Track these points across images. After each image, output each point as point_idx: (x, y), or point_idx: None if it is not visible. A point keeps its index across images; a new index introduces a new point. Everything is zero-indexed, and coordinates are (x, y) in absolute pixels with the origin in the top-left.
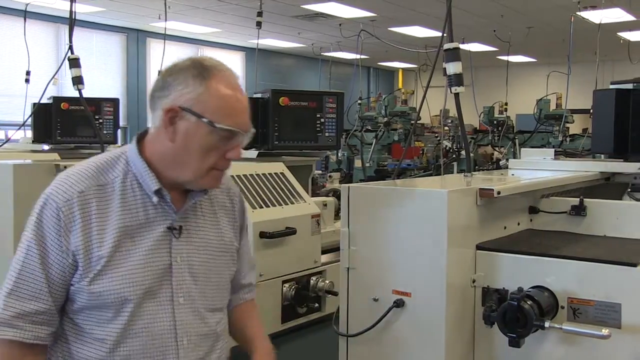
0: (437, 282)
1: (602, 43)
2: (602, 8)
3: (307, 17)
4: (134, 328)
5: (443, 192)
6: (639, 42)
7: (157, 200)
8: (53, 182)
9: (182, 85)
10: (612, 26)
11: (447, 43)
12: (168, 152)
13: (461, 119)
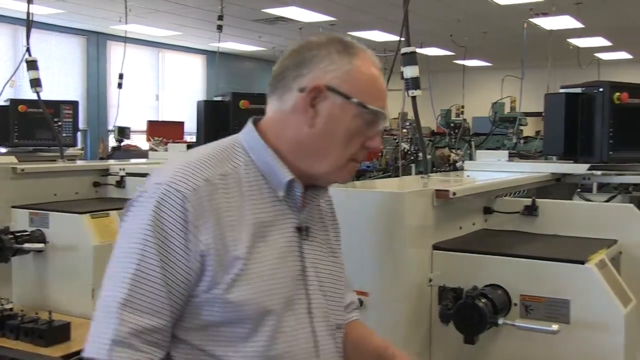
0: (395, 282)
1: (553, 49)
2: (553, 15)
3: (267, 21)
4: (275, 348)
5: (401, 193)
6: (587, 48)
7: (283, 194)
8: (164, 172)
9: (326, 62)
10: (562, 33)
11: (404, 47)
12: (304, 139)
13: (418, 121)
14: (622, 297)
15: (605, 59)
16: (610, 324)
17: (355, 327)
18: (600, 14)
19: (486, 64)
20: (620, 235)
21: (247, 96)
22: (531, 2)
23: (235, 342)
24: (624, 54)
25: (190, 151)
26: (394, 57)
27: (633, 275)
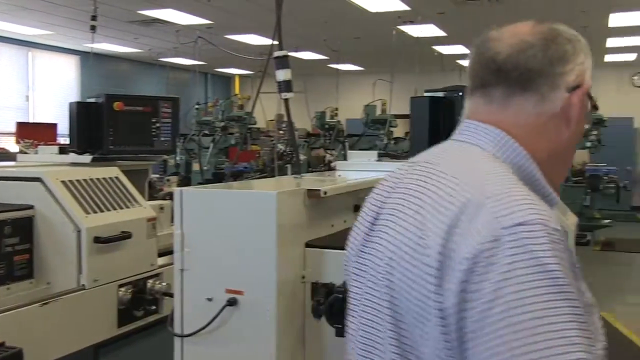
0: (268, 280)
1: (420, 55)
2: (419, 23)
3: (143, 22)
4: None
5: (272, 193)
6: (450, 55)
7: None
8: (513, 205)
9: (581, 57)
10: (428, 40)
11: (277, 51)
12: (562, 146)
13: (291, 123)
14: None
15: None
16: None
17: None
18: (461, 23)
19: (359, 68)
20: None
21: (121, 98)
22: (399, 11)
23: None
24: None
25: (475, 174)
26: (267, 61)
27: None
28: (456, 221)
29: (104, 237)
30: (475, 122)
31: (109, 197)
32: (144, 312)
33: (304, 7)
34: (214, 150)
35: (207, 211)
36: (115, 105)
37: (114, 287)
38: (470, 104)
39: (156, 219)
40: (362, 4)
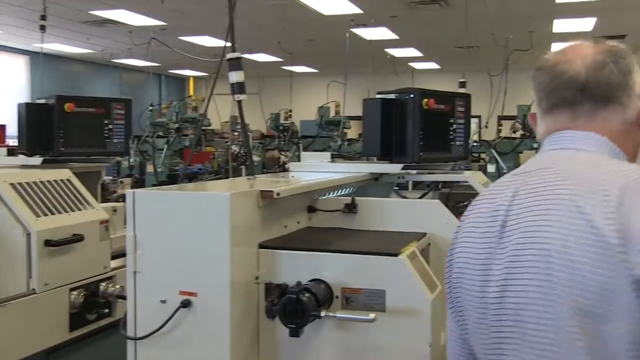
0: (222, 281)
1: (373, 57)
2: (371, 26)
3: (95, 22)
4: None
5: (225, 195)
6: (402, 57)
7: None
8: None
9: (637, 68)
10: (380, 43)
11: (229, 53)
12: (636, 150)
13: (244, 125)
14: (429, 284)
15: (418, 68)
16: (420, 309)
17: None
18: (412, 27)
19: (312, 70)
20: (429, 228)
21: (72, 99)
22: (352, 14)
23: None
24: (434, 64)
25: (607, 166)
26: (219, 63)
27: (440, 264)
28: (620, 203)
29: (55, 240)
30: (570, 131)
31: (60, 200)
32: (96, 316)
33: (258, 10)
34: (168, 151)
35: (160, 213)
36: (66, 106)
37: (65, 291)
38: (550, 121)
39: (109, 221)
40: (315, 7)
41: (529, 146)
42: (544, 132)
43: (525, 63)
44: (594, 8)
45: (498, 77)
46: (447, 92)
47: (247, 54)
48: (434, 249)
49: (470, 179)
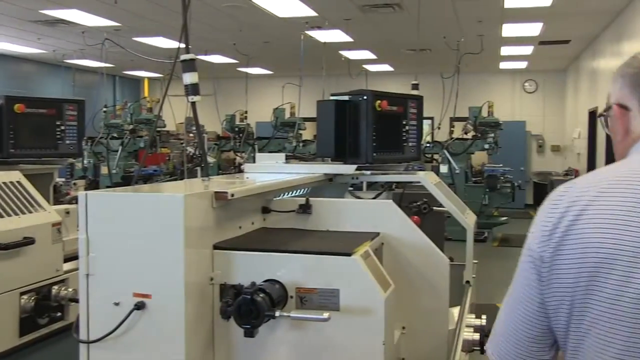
0: (176, 282)
1: (328, 59)
2: (326, 29)
3: (47, 22)
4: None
5: (179, 196)
6: (357, 60)
7: None
8: None
9: None
10: (335, 45)
11: (183, 54)
12: None
13: (198, 126)
14: (382, 283)
15: (372, 70)
16: (373, 308)
17: None
18: (366, 30)
19: (268, 72)
20: (382, 228)
21: (22, 100)
22: (307, 17)
23: None
24: (387, 67)
25: None
26: (173, 64)
27: (393, 262)
28: None
29: (4, 243)
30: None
31: (10, 202)
32: (48, 320)
33: (214, 12)
34: (122, 153)
35: (113, 215)
36: (16, 107)
37: (15, 295)
38: None
39: (61, 223)
40: (270, 10)
41: (480, 147)
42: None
43: (476, 66)
44: (540, 14)
45: (450, 79)
46: (399, 94)
47: (202, 56)
48: (387, 248)
49: (422, 180)
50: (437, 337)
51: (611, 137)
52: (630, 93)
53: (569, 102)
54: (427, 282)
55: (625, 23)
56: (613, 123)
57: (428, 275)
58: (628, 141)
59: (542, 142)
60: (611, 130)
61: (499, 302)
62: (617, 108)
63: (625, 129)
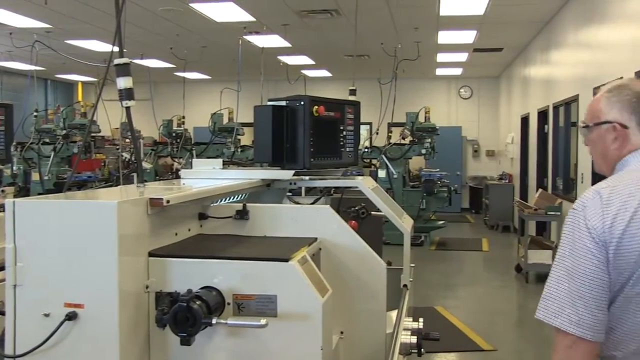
0: (110, 291)
1: (266, 65)
2: (264, 34)
3: None
4: None
5: (112, 203)
6: (295, 65)
7: None
8: None
9: None
10: (273, 50)
11: (117, 58)
12: None
13: (133, 132)
14: (320, 288)
15: (310, 75)
16: (310, 313)
17: None
18: (304, 35)
19: (206, 77)
20: (319, 234)
21: None
22: (244, 21)
23: None
24: (325, 72)
25: None
26: (106, 68)
27: (330, 267)
28: None
29: None
30: None
31: None
32: None
33: (150, 16)
34: (55, 159)
35: (43, 223)
36: None
37: None
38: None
39: None
40: (208, 14)
41: (417, 152)
42: (637, 144)
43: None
44: (474, 22)
45: (388, 85)
46: (336, 100)
47: (138, 60)
48: (324, 253)
49: (359, 185)
50: (375, 341)
51: (594, 143)
52: (630, 115)
53: (502, 108)
54: (365, 286)
55: (553, 32)
56: (606, 135)
57: (366, 279)
58: (626, 150)
59: (478, 147)
60: (597, 139)
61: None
62: (618, 126)
63: (623, 142)
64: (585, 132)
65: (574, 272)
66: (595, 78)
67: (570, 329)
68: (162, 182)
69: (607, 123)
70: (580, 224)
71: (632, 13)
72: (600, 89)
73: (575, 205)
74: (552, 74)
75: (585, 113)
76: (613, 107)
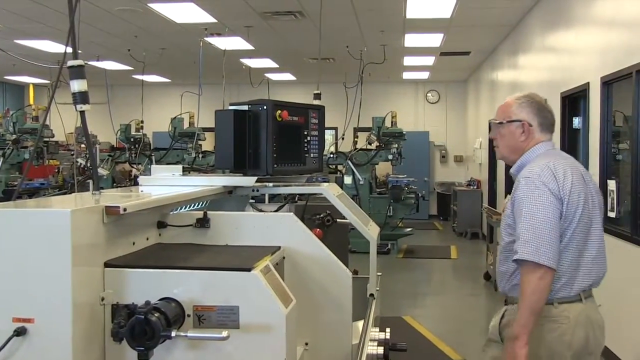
0: (63, 304)
1: (228, 68)
2: (226, 36)
3: None
4: None
5: (65, 211)
6: (258, 68)
7: None
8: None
9: None
10: (236, 53)
11: (71, 60)
12: None
13: (88, 137)
14: (283, 298)
15: (274, 79)
16: (274, 324)
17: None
18: (267, 38)
19: (165, 80)
20: (283, 242)
21: None
22: (206, 23)
23: None
24: (289, 76)
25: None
26: (59, 70)
27: (294, 277)
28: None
29: None
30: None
31: None
32: None
33: (107, 16)
34: (4, 165)
35: None
36: None
37: None
38: (550, 137)
39: None
40: (168, 15)
41: (384, 157)
42: (549, 139)
43: (380, 75)
44: (441, 25)
45: (353, 88)
46: (300, 104)
47: (94, 62)
48: (288, 262)
49: (325, 191)
50: (341, 352)
51: (503, 136)
52: (534, 117)
53: (470, 113)
54: (330, 296)
55: (520, 36)
56: (515, 130)
57: (331, 289)
58: (530, 143)
59: (445, 152)
60: (507, 133)
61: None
62: (526, 124)
63: (528, 136)
64: (497, 127)
65: (544, 221)
66: (562, 83)
67: (546, 262)
68: (119, 190)
69: (518, 121)
70: (541, 187)
71: (598, 18)
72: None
73: (528, 175)
74: (519, 78)
75: (497, 113)
76: (523, 110)
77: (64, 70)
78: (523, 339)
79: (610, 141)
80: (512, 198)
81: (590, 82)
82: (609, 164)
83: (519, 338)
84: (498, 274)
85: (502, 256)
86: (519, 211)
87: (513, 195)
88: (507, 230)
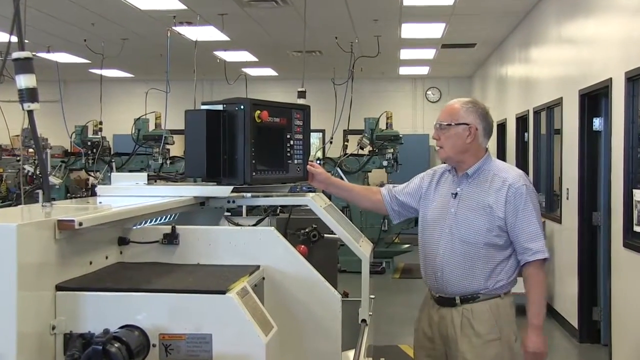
0: (6, 334)
1: (200, 61)
2: (198, 25)
3: None
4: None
5: (10, 226)
6: (234, 62)
7: None
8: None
9: None
10: (209, 44)
11: (16, 51)
12: None
13: (37, 139)
14: (263, 325)
15: (253, 74)
16: (252, 355)
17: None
18: (245, 27)
19: (128, 75)
20: (262, 260)
21: None
22: (174, 10)
23: None
24: (270, 71)
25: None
26: (3, 63)
27: (275, 300)
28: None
29: None
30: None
31: None
32: None
33: (59, 1)
34: None
35: None
36: None
37: None
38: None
39: None
40: (130, 1)
41: (377, 164)
42: (482, 142)
43: (373, 71)
44: (443, 13)
45: (343, 86)
46: (283, 103)
47: (43, 53)
48: (268, 283)
49: (310, 203)
50: None
51: (449, 138)
52: (479, 122)
53: None
54: (316, 322)
55: (533, 26)
56: (463, 133)
57: (317, 313)
58: (475, 145)
59: None
60: (453, 135)
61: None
62: (473, 127)
63: (474, 139)
64: (444, 129)
65: (540, 221)
66: (581, 79)
67: (547, 255)
68: (74, 201)
69: (466, 125)
70: (533, 192)
71: (621, 5)
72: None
73: (525, 182)
74: (532, 74)
75: (443, 115)
76: (470, 115)
77: (9, 64)
78: (541, 327)
79: (635, 145)
80: (505, 202)
81: (613, 78)
82: (635, 170)
83: (540, 327)
84: (463, 276)
85: (479, 256)
86: (524, 214)
87: (507, 200)
88: (493, 232)
